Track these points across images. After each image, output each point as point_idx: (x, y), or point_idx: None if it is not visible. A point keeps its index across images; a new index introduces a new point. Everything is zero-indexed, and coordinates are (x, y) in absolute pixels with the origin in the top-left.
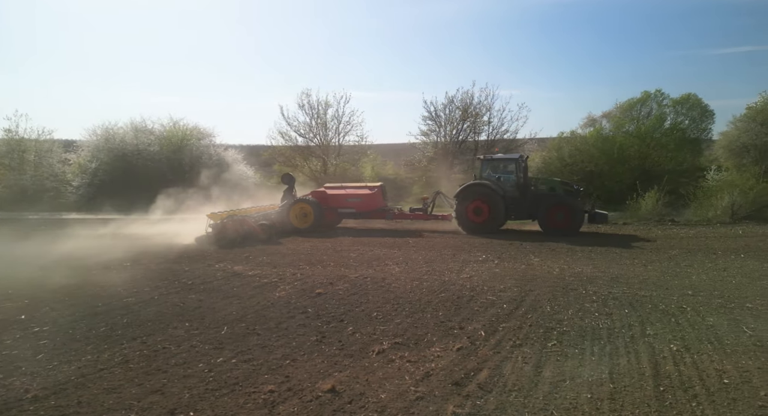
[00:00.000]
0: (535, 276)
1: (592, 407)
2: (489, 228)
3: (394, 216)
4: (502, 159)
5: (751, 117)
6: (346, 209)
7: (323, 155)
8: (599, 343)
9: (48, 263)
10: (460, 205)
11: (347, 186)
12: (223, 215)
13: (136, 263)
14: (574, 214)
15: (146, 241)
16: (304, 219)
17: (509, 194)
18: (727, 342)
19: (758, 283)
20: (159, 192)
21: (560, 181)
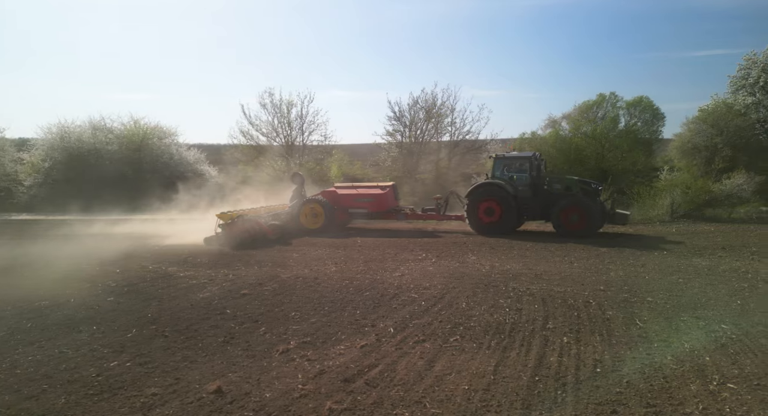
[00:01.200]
0: (464, 273)
1: (464, 398)
2: (501, 228)
3: (406, 216)
4: (514, 157)
5: (702, 119)
6: (357, 209)
7: (287, 155)
8: (499, 337)
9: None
10: (471, 204)
11: (358, 185)
12: (233, 215)
13: (70, 265)
14: (590, 215)
15: (94, 242)
16: (315, 220)
17: (522, 194)
18: (616, 334)
19: (668, 279)
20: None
21: (578, 179)
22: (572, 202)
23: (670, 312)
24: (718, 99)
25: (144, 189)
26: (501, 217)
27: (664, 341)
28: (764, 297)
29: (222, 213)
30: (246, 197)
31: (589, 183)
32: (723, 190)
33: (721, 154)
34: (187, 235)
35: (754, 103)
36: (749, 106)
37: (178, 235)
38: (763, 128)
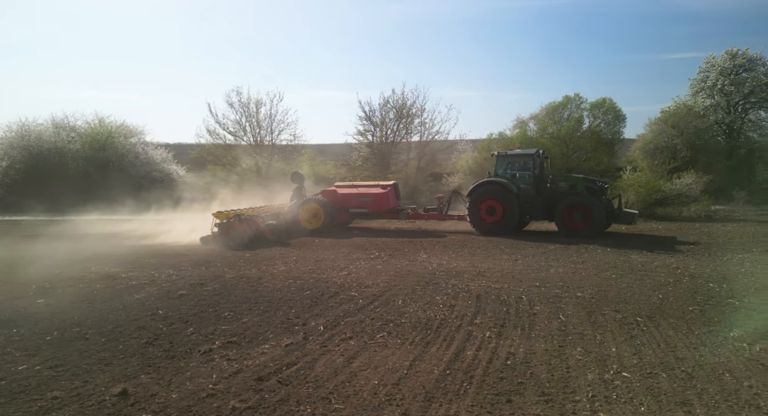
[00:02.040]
0: (410, 271)
1: (371, 393)
2: (503, 228)
3: (407, 216)
4: (517, 155)
5: (663, 120)
6: (357, 209)
7: (255, 154)
8: (425, 333)
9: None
10: (473, 204)
11: (359, 185)
12: (229, 214)
13: (11, 267)
14: (595, 215)
15: (51, 243)
16: (314, 220)
17: (524, 193)
18: (537, 328)
19: (602, 274)
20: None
21: (583, 177)
22: (576, 201)
23: (594, 307)
24: (679, 101)
25: (109, 189)
26: (503, 217)
27: (579, 334)
28: (685, 290)
29: (218, 213)
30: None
31: (594, 181)
32: (673, 189)
33: (680, 154)
34: (155, 237)
35: (712, 105)
36: (708, 108)
37: (143, 236)
38: (721, 129)
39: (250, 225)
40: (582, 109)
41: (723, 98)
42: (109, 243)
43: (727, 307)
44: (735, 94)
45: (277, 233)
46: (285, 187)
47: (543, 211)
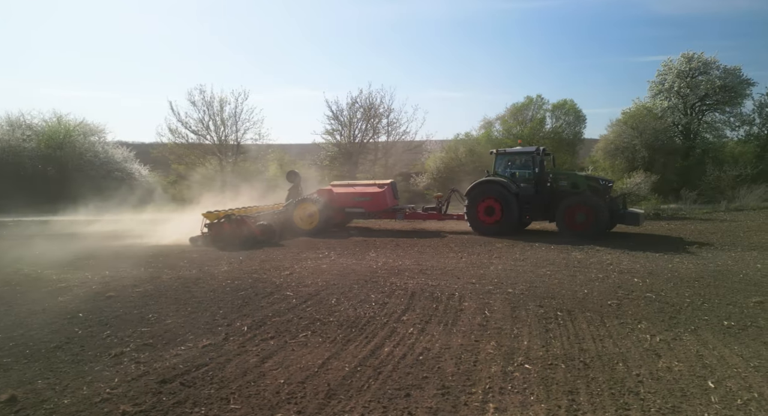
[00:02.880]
0: (353, 270)
1: (273, 392)
2: (502, 229)
3: (405, 216)
4: (517, 153)
5: (623, 121)
6: (354, 208)
7: (219, 153)
8: (350, 331)
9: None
10: (471, 203)
11: (355, 184)
12: (219, 214)
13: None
14: (598, 215)
15: None
16: (309, 220)
17: (524, 192)
18: (460, 323)
19: (538, 271)
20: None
21: (585, 175)
22: (578, 201)
23: (520, 302)
24: (639, 103)
25: (68, 189)
26: (502, 217)
27: (498, 329)
28: (610, 285)
29: (208, 213)
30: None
31: (597, 179)
32: (623, 188)
33: (639, 154)
34: (113, 237)
35: (670, 106)
36: (666, 110)
37: (94, 237)
38: (678, 130)
39: (241, 226)
40: (544, 110)
41: (680, 100)
42: (57, 245)
43: (643, 301)
44: (691, 97)
45: (268, 234)
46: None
47: (543, 211)
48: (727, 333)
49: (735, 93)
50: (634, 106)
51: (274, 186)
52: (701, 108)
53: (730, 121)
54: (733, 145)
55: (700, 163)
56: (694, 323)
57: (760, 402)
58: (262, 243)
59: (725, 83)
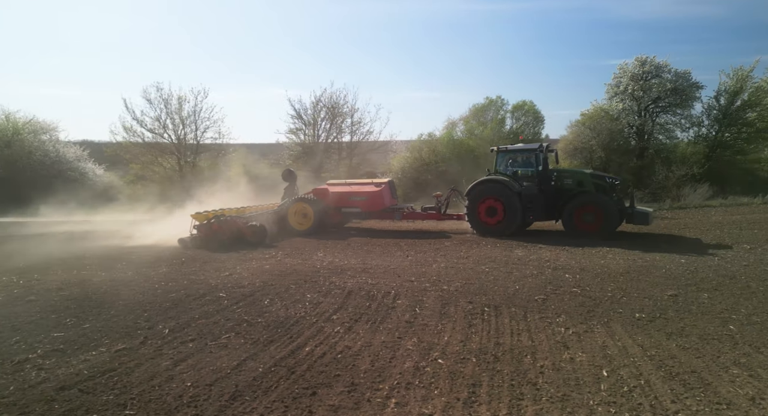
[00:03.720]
0: (295, 270)
1: (175, 396)
2: (504, 229)
3: (403, 216)
4: (519, 150)
5: (582, 122)
6: (350, 208)
7: (178, 152)
8: (276, 331)
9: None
10: (472, 204)
11: (352, 182)
12: (209, 215)
13: None
14: (607, 215)
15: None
16: (304, 220)
17: (527, 191)
18: (388, 321)
19: (477, 268)
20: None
21: (591, 173)
22: (587, 200)
23: (452, 299)
24: (597, 104)
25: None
26: (504, 218)
27: (423, 325)
28: (541, 281)
29: (197, 214)
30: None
31: (603, 177)
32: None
33: (596, 155)
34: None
35: (624, 108)
36: (621, 112)
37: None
38: (633, 131)
39: (230, 227)
40: (504, 110)
41: (634, 102)
42: None
43: (568, 296)
44: (644, 99)
45: (259, 235)
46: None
47: (548, 211)
48: (636, 324)
49: (685, 96)
50: (592, 108)
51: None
52: (654, 110)
53: (680, 122)
54: (684, 145)
55: (653, 163)
56: (608, 316)
57: (644, 388)
58: (254, 244)
59: (676, 86)
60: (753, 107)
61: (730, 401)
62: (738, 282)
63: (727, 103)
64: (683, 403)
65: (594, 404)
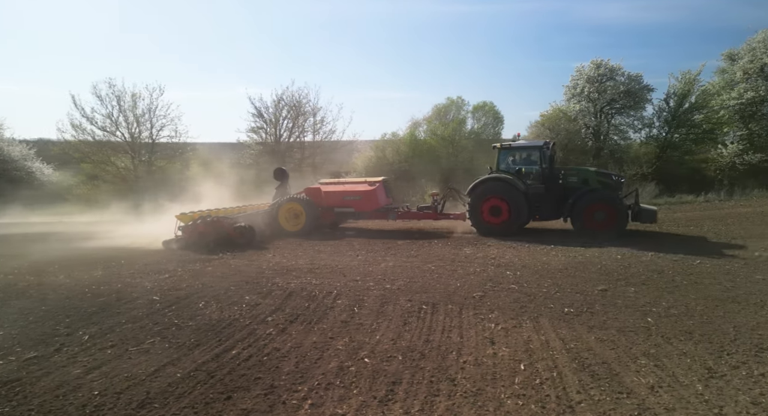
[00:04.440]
0: (240, 271)
1: (79, 405)
2: (509, 229)
3: (398, 216)
4: (523, 147)
5: (541, 123)
6: (343, 208)
7: (132, 151)
8: (203, 335)
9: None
10: (475, 203)
11: (345, 181)
12: (194, 216)
13: None
14: (619, 213)
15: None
16: (296, 221)
17: (533, 190)
18: (324, 321)
19: (424, 267)
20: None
21: (595, 170)
22: (598, 198)
23: (392, 297)
24: (555, 106)
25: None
26: (509, 217)
27: (359, 324)
28: (483, 278)
29: (182, 214)
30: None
31: (609, 175)
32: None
33: (555, 155)
34: None
35: (581, 110)
36: (578, 113)
37: None
38: (589, 132)
39: (216, 228)
40: (465, 111)
41: (590, 104)
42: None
43: (505, 292)
44: (599, 101)
45: (247, 236)
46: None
47: (555, 210)
48: (563, 319)
49: (638, 98)
50: (551, 109)
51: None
52: (609, 111)
53: (633, 123)
54: (637, 146)
55: (607, 163)
56: (539, 311)
57: (555, 380)
58: (242, 246)
59: (629, 89)
60: (700, 109)
61: (632, 390)
62: (664, 277)
63: (676, 105)
64: (588, 393)
65: (505, 397)
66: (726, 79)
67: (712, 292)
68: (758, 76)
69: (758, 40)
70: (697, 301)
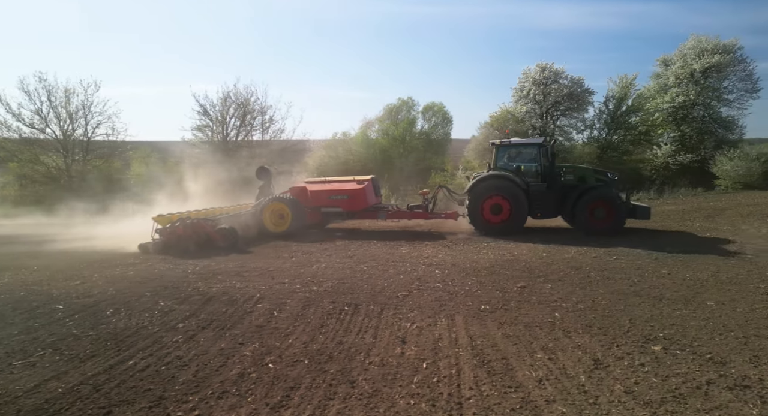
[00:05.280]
0: (163, 276)
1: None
2: (510, 228)
3: (387, 215)
4: (522, 144)
5: (491, 124)
6: (331, 208)
7: (63, 150)
8: (103, 345)
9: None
10: (474, 202)
11: (332, 180)
12: (172, 218)
13: None
14: (619, 210)
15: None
16: (281, 222)
17: (535, 188)
18: (239, 327)
19: (357, 267)
20: None
21: (592, 168)
22: (599, 196)
23: (317, 300)
24: (504, 107)
25: None
26: (511, 216)
27: (275, 329)
28: (410, 278)
29: (159, 216)
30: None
31: (605, 173)
32: (461, 184)
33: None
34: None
35: (528, 111)
36: (525, 114)
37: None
38: (536, 133)
39: (197, 231)
40: (416, 111)
41: (536, 106)
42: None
43: (429, 291)
44: (545, 103)
45: (229, 238)
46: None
47: (556, 208)
48: (478, 316)
49: (580, 100)
50: (500, 110)
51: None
52: (554, 113)
53: (576, 125)
54: (580, 147)
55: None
56: (457, 309)
57: (452, 378)
58: (226, 249)
59: (571, 92)
60: (636, 112)
61: (521, 384)
62: (581, 273)
63: (615, 108)
64: (479, 389)
65: (399, 398)
66: (660, 83)
67: (620, 287)
68: (689, 80)
69: (689, 47)
70: (603, 296)
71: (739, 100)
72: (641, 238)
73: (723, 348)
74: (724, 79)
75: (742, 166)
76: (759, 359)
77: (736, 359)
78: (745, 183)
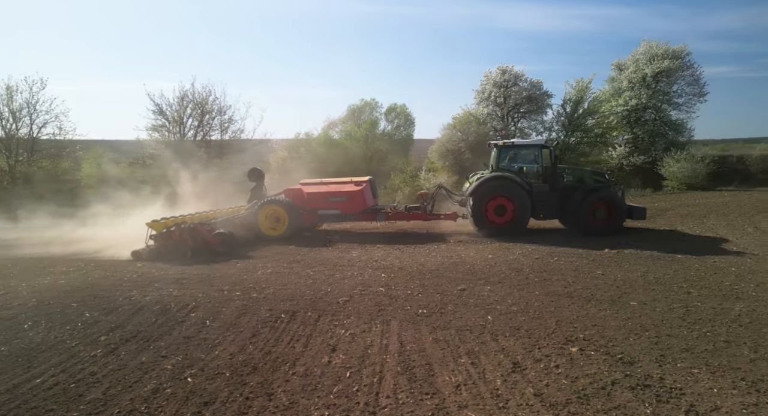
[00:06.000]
0: (96, 284)
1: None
2: (514, 229)
3: (386, 217)
4: (524, 145)
5: (453, 125)
6: (328, 210)
7: (6, 150)
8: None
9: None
10: (477, 203)
11: (329, 182)
12: (167, 223)
13: None
14: (619, 211)
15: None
16: (276, 225)
17: (537, 188)
18: (165, 339)
19: (302, 272)
20: None
21: (590, 170)
22: (599, 197)
23: (254, 307)
24: (466, 109)
25: None
26: (514, 217)
27: (204, 338)
28: (355, 283)
29: (154, 222)
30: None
31: (602, 174)
32: (429, 188)
33: (464, 156)
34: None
35: (489, 113)
36: (486, 116)
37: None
38: (498, 135)
39: (193, 236)
40: (378, 112)
41: (497, 108)
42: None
43: (370, 295)
44: (505, 105)
45: (228, 244)
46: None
47: (559, 209)
48: (414, 321)
49: (539, 103)
50: (462, 112)
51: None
52: (515, 115)
53: (536, 127)
54: None
55: None
56: (394, 314)
57: (372, 386)
58: (224, 255)
59: (530, 94)
60: (592, 115)
61: (438, 390)
62: (521, 275)
63: (572, 110)
64: (396, 397)
65: (314, 409)
66: (615, 87)
67: (555, 288)
68: (641, 85)
69: (641, 52)
70: (537, 297)
71: (688, 103)
72: (581, 239)
73: (635, 348)
74: (674, 83)
75: (688, 168)
76: (664, 358)
77: (644, 359)
78: (690, 184)
